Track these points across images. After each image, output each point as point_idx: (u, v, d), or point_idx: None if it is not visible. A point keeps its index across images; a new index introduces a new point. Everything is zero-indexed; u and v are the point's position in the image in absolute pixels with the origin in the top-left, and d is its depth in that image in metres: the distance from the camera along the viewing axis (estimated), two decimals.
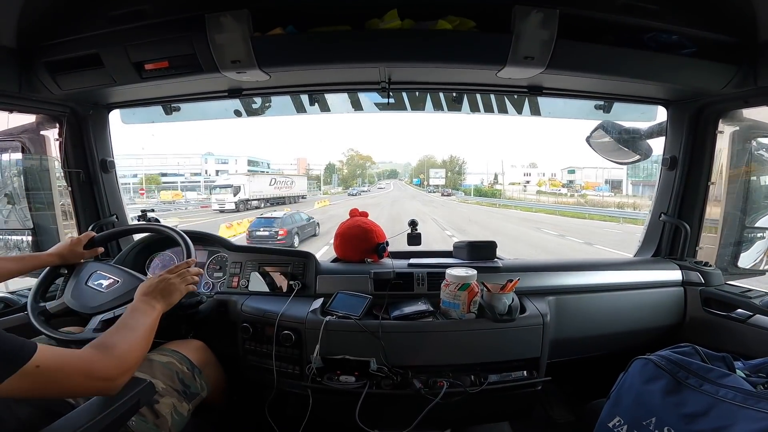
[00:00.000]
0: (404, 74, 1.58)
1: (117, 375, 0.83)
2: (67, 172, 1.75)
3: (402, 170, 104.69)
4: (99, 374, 0.80)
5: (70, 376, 0.77)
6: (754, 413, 0.87)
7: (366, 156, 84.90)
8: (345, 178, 77.47)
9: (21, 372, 0.69)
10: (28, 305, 1.20)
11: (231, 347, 1.45)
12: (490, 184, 61.50)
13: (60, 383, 0.76)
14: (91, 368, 0.80)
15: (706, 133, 1.68)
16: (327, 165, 73.49)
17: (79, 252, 1.35)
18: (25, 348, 0.71)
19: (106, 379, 0.82)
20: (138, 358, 0.91)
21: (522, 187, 56.06)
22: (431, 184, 67.83)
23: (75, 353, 0.81)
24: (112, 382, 0.83)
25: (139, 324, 0.96)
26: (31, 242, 1.77)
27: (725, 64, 1.36)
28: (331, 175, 71.72)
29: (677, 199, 1.76)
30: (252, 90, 1.67)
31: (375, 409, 1.26)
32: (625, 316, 1.59)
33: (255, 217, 12.16)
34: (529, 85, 1.61)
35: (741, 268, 1.79)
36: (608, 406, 1.12)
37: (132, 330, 0.93)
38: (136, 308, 1.01)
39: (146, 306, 1.03)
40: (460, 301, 1.32)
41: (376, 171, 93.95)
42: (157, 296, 1.06)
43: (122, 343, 0.88)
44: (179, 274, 1.15)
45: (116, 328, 0.93)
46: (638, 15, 1.27)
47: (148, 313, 1.01)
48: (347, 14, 1.29)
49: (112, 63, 1.35)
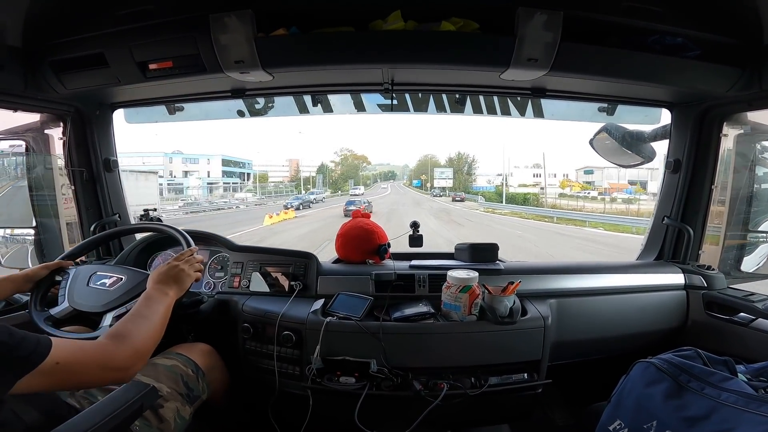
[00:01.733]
0: (407, 76, 1.58)
1: (131, 364, 0.84)
2: (71, 170, 1.76)
3: (400, 172, 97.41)
4: (114, 365, 0.81)
5: (86, 369, 0.77)
6: (756, 417, 0.86)
7: (361, 156, 78.27)
8: (336, 180, 69.63)
9: (39, 369, 0.70)
10: (31, 315, 1.18)
11: (231, 347, 1.45)
12: (497, 187, 49.90)
13: (76, 376, 0.77)
14: (107, 359, 0.80)
15: (710, 136, 1.66)
16: (319, 166, 66.52)
17: (46, 272, 1.26)
18: (40, 345, 0.72)
19: (120, 369, 0.83)
20: (151, 346, 0.92)
21: (538, 189, 46.52)
22: (436, 186, 59.41)
23: (90, 345, 0.82)
24: (125, 371, 0.84)
25: (153, 311, 0.97)
26: (34, 241, 1.78)
27: (730, 67, 1.35)
28: (322, 177, 64.65)
29: (680, 203, 1.75)
30: (255, 90, 1.67)
31: (375, 411, 1.26)
32: (627, 319, 1.58)
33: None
34: (532, 87, 1.61)
35: (744, 271, 1.78)
36: (609, 409, 1.11)
37: (146, 318, 0.94)
38: (149, 296, 1.02)
39: (159, 293, 1.03)
40: (461, 303, 1.32)
41: (372, 173, 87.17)
42: (170, 283, 1.07)
43: (137, 331, 0.88)
44: (186, 260, 1.15)
45: (131, 316, 0.93)
46: (642, 17, 1.27)
47: (162, 300, 1.01)
48: (350, 15, 1.30)
49: (117, 63, 1.36)
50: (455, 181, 60.63)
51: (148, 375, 1.09)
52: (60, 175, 1.78)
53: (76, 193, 1.78)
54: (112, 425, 0.83)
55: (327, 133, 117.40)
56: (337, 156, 72.16)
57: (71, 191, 1.77)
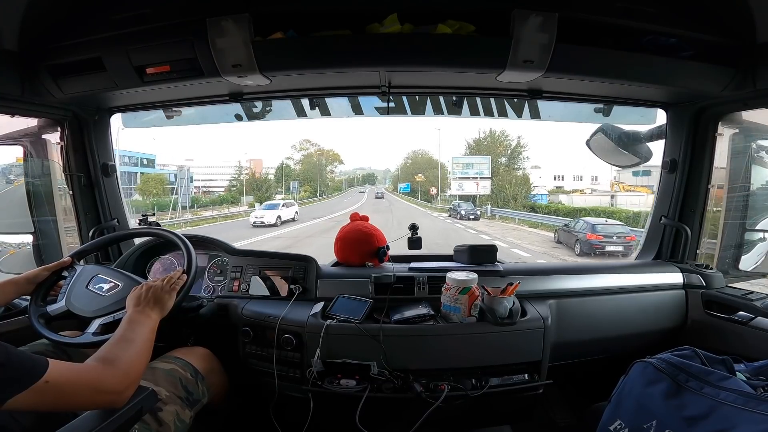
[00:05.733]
0: (404, 78, 1.59)
1: (123, 388, 0.85)
2: (69, 175, 1.75)
3: (381, 176, 75.76)
4: (106, 388, 0.82)
5: (79, 391, 0.78)
6: (755, 416, 0.87)
7: (329, 152, 52.59)
8: (264, 185, 40.55)
9: (33, 388, 0.71)
10: (29, 308, 1.20)
11: (232, 351, 1.45)
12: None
13: (69, 397, 0.78)
14: (99, 382, 0.81)
15: (705, 136, 1.68)
16: (279, 166, 44.66)
17: (47, 274, 1.27)
18: (36, 366, 0.73)
19: (113, 393, 0.83)
20: (141, 369, 0.92)
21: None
22: (460, 193, 28.74)
23: (83, 367, 0.82)
24: (118, 395, 0.84)
25: (137, 335, 0.97)
26: (32, 246, 1.77)
27: (724, 67, 1.36)
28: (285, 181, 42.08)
29: (677, 202, 1.76)
30: (253, 94, 1.67)
31: (376, 413, 1.26)
32: (626, 319, 1.59)
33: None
34: (528, 88, 1.62)
35: (742, 270, 1.79)
36: (609, 409, 1.11)
37: (131, 342, 0.94)
38: (132, 320, 1.01)
39: (141, 316, 1.03)
40: (460, 305, 1.32)
41: (345, 177, 64.22)
42: (150, 304, 1.06)
43: (124, 356, 0.89)
44: (162, 279, 1.15)
45: (116, 341, 0.93)
46: (637, 18, 1.28)
47: (145, 323, 1.01)
48: (347, 19, 1.30)
49: (114, 67, 1.36)
50: (498, 185, 28.90)
51: (147, 379, 1.08)
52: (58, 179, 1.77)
53: (74, 198, 1.77)
54: (112, 428, 0.83)
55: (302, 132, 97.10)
56: (296, 151, 48.47)
57: (69, 196, 1.77)
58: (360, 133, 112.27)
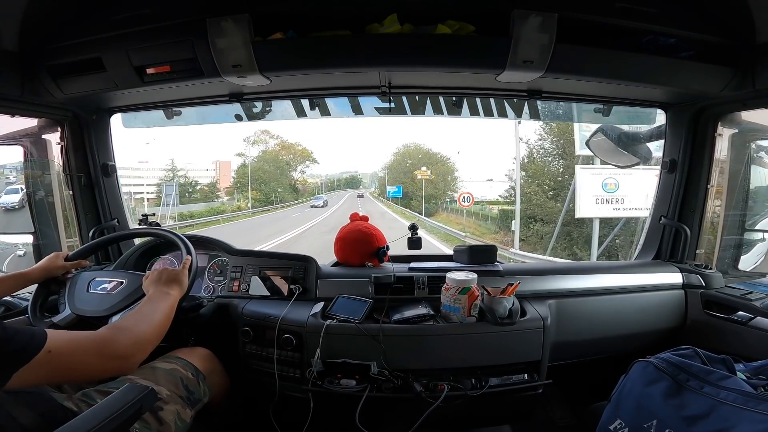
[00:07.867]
0: (404, 79, 1.59)
1: (131, 353, 0.84)
2: (69, 176, 1.75)
3: (368, 180, 67.44)
4: (113, 352, 0.81)
5: (84, 357, 0.77)
6: (755, 415, 0.87)
7: (295, 147, 41.89)
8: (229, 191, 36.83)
9: (36, 360, 0.70)
10: (31, 323, 1.18)
11: (232, 351, 1.45)
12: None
13: (75, 366, 0.77)
14: (105, 346, 0.80)
15: (705, 136, 1.68)
16: (241, 164, 37.20)
17: (62, 264, 1.32)
18: (35, 336, 0.72)
19: (121, 358, 0.82)
20: (153, 340, 0.92)
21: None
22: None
23: (87, 334, 0.81)
24: (126, 360, 0.83)
25: (156, 309, 0.98)
26: (33, 246, 1.77)
27: (723, 67, 1.36)
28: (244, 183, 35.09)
29: (677, 202, 1.76)
30: (253, 94, 1.67)
31: (376, 413, 1.26)
32: (625, 319, 1.59)
33: None
34: (528, 89, 1.62)
35: (741, 270, 1.79)
36: (609, 408, 1.12)
37: (147, 315, 0.95)
38: (152, 298, 1.03)
39: (162, 294, 1.05)
40: (460, 305, 1.32)
41: (326, 179, 55.39)
42: (170, 284, 1.09)
43: (138, 323, 0.89)
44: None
45: (133, 314, 0.94)
46: (636, 18, 1.28)
47: (166, 299, 1.03)
48: (347, 19, 1.30)
49: (114, 67, 1.36)
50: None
51: (147, 378, 1.08)
52: (58, 179, 1.77)
53: (74, 198, 1.77)
54: (111, 428, 0.82)
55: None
56: (251, 145, 38.44)
57: (69, 196, 1.77)
58: (352, 134, 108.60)
